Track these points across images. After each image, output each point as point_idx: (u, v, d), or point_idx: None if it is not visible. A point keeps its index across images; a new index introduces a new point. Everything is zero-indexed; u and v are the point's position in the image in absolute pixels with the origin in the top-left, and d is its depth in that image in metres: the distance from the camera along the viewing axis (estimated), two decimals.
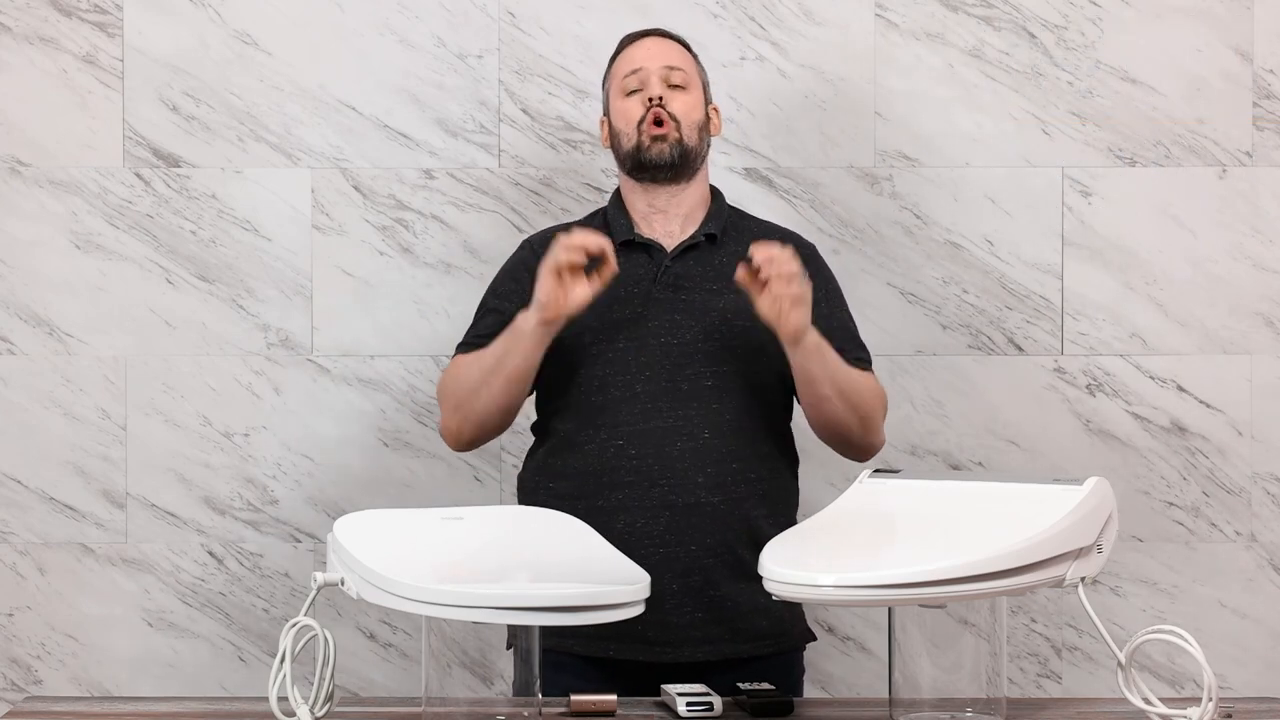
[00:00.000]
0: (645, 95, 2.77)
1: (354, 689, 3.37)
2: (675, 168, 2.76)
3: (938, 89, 3.43)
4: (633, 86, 2.79)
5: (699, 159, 2.80)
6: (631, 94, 2.79)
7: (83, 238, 3.40)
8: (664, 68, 2.79)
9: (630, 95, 2.79)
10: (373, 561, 2.13)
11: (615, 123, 2.81)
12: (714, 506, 2.67)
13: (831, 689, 3.40)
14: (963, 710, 2.20)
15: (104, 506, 3.40)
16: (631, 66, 2.80)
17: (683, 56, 2.84)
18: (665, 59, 2.80)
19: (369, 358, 3.41)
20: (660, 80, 2.78)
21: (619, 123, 2.80)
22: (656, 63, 2.80)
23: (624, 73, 2.81)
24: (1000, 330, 3.43)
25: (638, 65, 2.80)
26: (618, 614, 2.09)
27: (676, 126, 2.76)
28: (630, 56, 2.83)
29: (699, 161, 2.80)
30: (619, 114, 2.80)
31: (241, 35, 3.41)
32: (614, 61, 2.86)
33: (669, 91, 2.78)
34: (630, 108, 2.79)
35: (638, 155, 2.76)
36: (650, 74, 2.79)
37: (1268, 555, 3.44)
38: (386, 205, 3.42)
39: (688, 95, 2.79)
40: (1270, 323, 3.44)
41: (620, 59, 2.85)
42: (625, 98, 2.80)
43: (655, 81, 2.78)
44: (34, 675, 3.40)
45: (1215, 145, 3.43)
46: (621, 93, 2.80)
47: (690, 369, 2.68)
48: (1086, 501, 2.17)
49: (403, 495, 3.39)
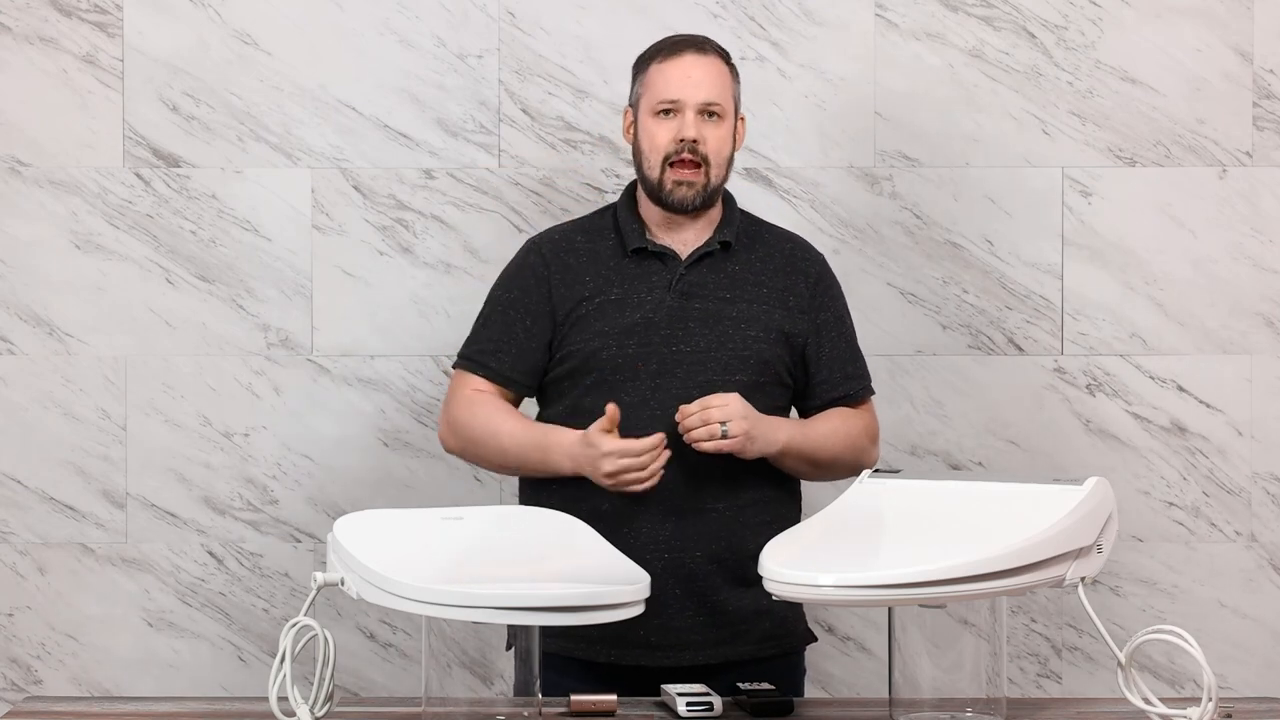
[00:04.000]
0: (678, 130, 2.69)
1: (354, 689, 3.37)
2: (696, 209, 2.73)
3: (938, 89, 3.43)
4: (666, 109, 2.70)
5: (721, 189, 2.75)
6: (663, 115, 2.71)
7: (83, 238, 3.40)
8: (701, 102, 2.69)
9: (661, 117, 2.71)
10: (373, 561, 2.13)
11: (642, 141, 2.73)
12: (719, 513, 2.67)
13: (832, 689, 3.40)
14: (963, 710, 2.20)
15: (104, 506, 3.40)
16: (668, 94, 2.70)
17: (722, 82, 2.73)
18: (704, 92, 2.70)
19: (369, 358, 3.41)
20: (696, 115, 2.69)
21: (645, 144, 2.72)
22: (695, 96, 2.69)
23: (659, 95, 2.71)
24: (1000, 330, 3.43)
25: (674, 95, 2.70)
26: (618, 614, 2.09)
27: (705, 170, 2.70)
28: (668, 79, 2.71)
29: (720, 191, 2.75)
30: (647, 135, 2.72)
31: (241, 35, 3.41)
32: (649, 67, 2.75)
33: (704, 127, 2.70)
34: (660, 135, 2.70)
35: (660, 194, 2.71)
36: (686, 107, 2.69)
37: (1268, 555, 3.44)
38: (386, 205, 3.41)
39: (721, 128, 2.71)
40: (1270, 323, 3.44)
41: (658, 73, 2.73)
42: (655, 117, 2.71)
43: (691, 117, 2.69)
44: (34, 675, 3.40)
45: (1215, 145, 3.43)
46: (652, 111, 2.71)
47: (701, 376, 2.68)
48: (1086, 501, 2.17)
49: (403, 495, 3.39)
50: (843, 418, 2.78)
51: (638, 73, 2.78)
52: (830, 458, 2.75)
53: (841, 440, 2.76)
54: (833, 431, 2.75)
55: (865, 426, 2.80)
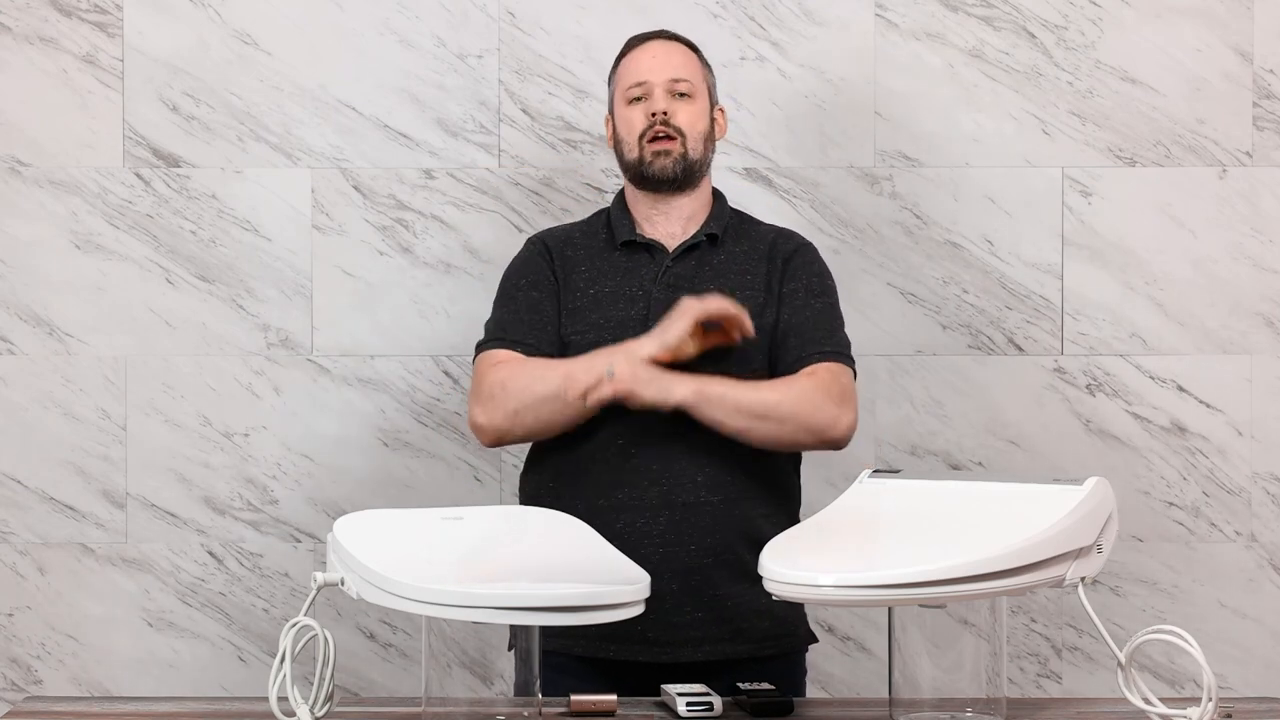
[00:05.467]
0: (649, 108, 2.75)
1: (354, 689, 3.37)
2: (678, 180, 2.76)
3: (938, 89, 3.43)
4: (636, 95, 2.77)
5: (703, 168, 2.78)
6: (635, 102, 2.77)
7: (83, 238, 3.40)
8: (669, 79, 2.76)
9: (634, 104, 2.77)
10: (373, 561, 2.13)
11: (619, 130, 2.79)
12: (714, 506, 2.67)
13: (832, 689, 3.40)
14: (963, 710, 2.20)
15: (104, 506, 3.40)
16: (636, 77, 2.77)
17: (689, 63, 2.80)
18: (671, 70, 2.77)
19: (369, 358, 3.41)
20: (665, 92, 2.75)
21: (622, 131, 2.78)
22: (662, 74, 2.76)
23: (628, 81, 2.78)
24: (1000, 330, 3.43)
25: (642, 77, 2.77)
26: (618, 614, 2.09)
27: (681, 141, 2.74)
28: (635, 64, 2.79)
29: (703, 170, 2.78)
30: (623, 121, 2.78)
31: (241, 35, 3.41)
32: (619, 64, 2.83)
33: (674, 103, 2.75)
34: (633, 118, 2.76)
35: (640, 168, 2.75)
36: (655, 85, 2.76)
37: (1268, 555, 3.44)
38: (386, 205, 3.42)
39: (693, 105, 2.77)
40: (1270, 323, 3.44)
41: (625, 64, 2.82)
42: (629, 105, 2.77)
43: (660, 94, 2.75)
44: (34, 675, 3.40)
45: (1215, 145, 3.43)
46: (625, 100, 2.78)
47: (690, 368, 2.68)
48: (1086, 501, 2.17)
49: (403, 495, 3.39)
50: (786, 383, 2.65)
51: (610, 75, 2.85)
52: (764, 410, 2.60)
53: (781, 393, 2.62)
54: (769, 385, 2.64)
55: (822, 383, 2.65)
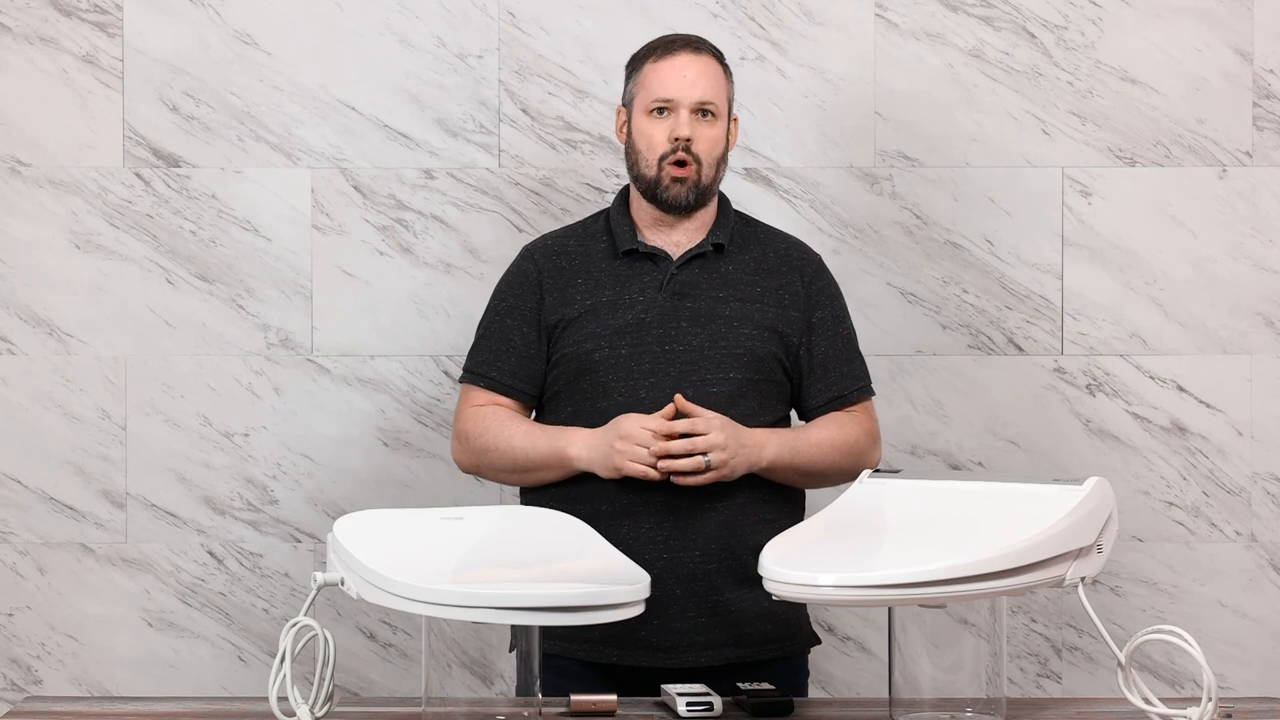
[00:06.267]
0: (673, 130, 2.70)
1: (354, 689, 3.37)
2: (690, 206, 2.74)
3: (938, 89, 3.43)
4: (660, 108, 2.71)
5: (715, 187, 2.76)
6: (657, 116, 2.72)
7: (83, 238, 3.40)
8: (696, 101, 2.70)
9: (656, 118, 2.72)
10: (373, 561, 2.13)
11: (637, 141, 2.74)
12: (717, 512, 2.67)
13: (832, 689, 3.40)
14: (963, 710, 2.20)
15: (104, 506, 3.40)
16: (663, 92, 2.71)
17: (716, 82, 2.74)
18: (699, 92, 2.71)
19: (369, 358, 3.41)
20: (690, 114, 2.70)
21: (640, 144, 2.73)
22: (690, 95, 2.70)
23: (654, 94, 2.72)
24: (1000, 330, 3.43)
25: (670, 94, 2.71)
26: (618, 614, 2.09)
27: (697, 169, 2.71)
28: (662, 77, 2.72)
29: (715, 190, 2.76)
30: (641, 135, 2.73)
31: (241, 35, 3.41)
32: (643, 65, 2.75)
33: (698, 127, 2.71)
34: (655, 134, 2.71)
35: (655, 190, 2.72)
36: (681, 106, 2.70)
37: (1268, 555, 3.44)
38: (386, 205, 3.42)
39: (715, 128, 2.72)
40: (1270, 323, 3.44)
41: (652, 72, 2.74)
42: (650, 117, 2.72)
43: (685, 116, 2.70)
44: (34, 675, 3.40)
45: (1215, 145, 3.43)
46: (646, 110, 2.72)
47: (695, 376, 2.68)
48: (1086, 501, 2.17)
49: (403, 495, 3.39)
50: (839, 424, 2.76)
51: (632, 71, 2.79)
52: (824, 468, 2.73)
53: (837, 449, 2.73)
54: (826, 440, 2.73)
55: (864, 430, 2.78)
